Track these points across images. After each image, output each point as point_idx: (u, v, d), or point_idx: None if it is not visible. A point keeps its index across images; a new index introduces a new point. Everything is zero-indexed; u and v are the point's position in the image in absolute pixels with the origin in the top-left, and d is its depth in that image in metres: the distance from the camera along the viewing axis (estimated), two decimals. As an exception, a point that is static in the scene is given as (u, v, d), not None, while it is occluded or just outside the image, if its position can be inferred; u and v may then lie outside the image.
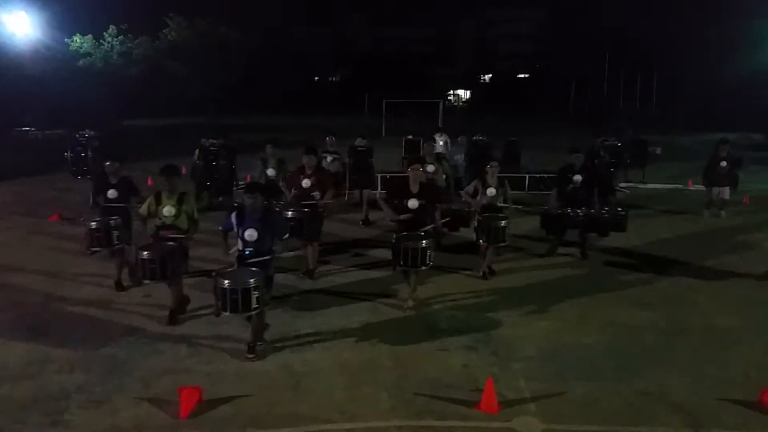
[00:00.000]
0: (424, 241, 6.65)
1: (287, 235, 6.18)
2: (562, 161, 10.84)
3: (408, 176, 7.17)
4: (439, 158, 10.11)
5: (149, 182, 13.38)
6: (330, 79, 65.08)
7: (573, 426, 4.74)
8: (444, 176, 9.87)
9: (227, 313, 5.44)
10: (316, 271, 8.16)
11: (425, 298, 7.31)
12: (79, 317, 6.74)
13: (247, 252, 5.79)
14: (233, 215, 5.89)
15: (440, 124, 19.08)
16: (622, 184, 15.03)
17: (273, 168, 9.94)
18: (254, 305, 5.42)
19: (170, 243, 6.43)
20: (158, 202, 6.63)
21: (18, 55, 27.54)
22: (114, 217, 7.31)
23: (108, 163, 7.73)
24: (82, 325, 6.49)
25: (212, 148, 12.31)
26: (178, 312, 6.61)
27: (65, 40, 33.60)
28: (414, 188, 7.07)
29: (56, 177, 15.91)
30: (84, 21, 33.63)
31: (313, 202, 7.90)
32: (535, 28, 68.94)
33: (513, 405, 4.99)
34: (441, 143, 16.01)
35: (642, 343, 6.17)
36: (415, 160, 7.68)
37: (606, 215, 8.96)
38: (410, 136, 16.93)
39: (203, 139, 12.65)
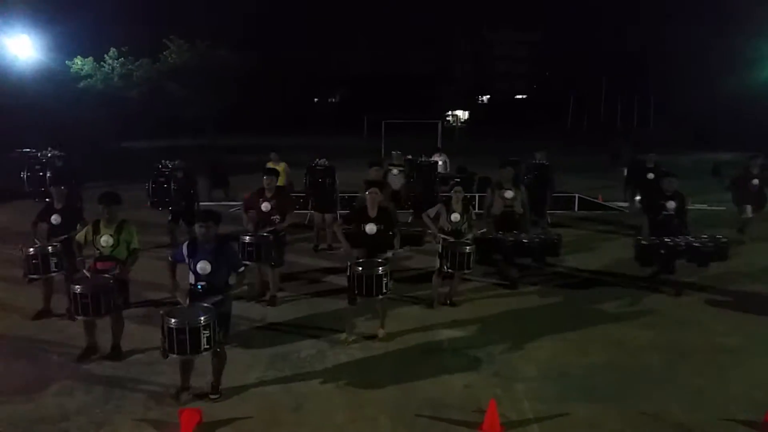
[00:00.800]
0: (380, 268, 6.29)
1: (243, 268, 5.65)
2: (562, 181, 10.90)
3: (366, 200, 6.85)
4: (517, 183, 8.96)
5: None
6: (329, 100, 65.58)
7: (576, 447, 4.71)
8: (521, 203, 8.73)
9: (174, 356, 4.94)
10: (277, 297, 7.88)
11: (425, 325, 7.28)
12: (78, 338, 6.69)
13: (199, 287, 5.24)
14: (184, 246, 5.37)
15: (439, 144, 19.19)
16: (622, 204, 15.04)
17: None
18: (204, 346, 4.91)
19: (105, 276, 5.95)
20: (96, 231, 6.15)
21: (20, 77, 27.77)
22: (54, 244, 7.01)
23: (53, 188, 7.51)
24: (80, 347, 6.45)
25: (164, 170, 10.96)
26: (119, 348, 6.18)
27: (66, 62, 33.91)
28: (372, 213, 6.75)
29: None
30: (85, 43, 33.96)
31: (272, 227, 7.64)
32: (531, 49, 69.72)
33: (516, 426, 4.96)
34: (441, 163, 16.11)
35: (644, 363, 6.14)
36: (372, 184, 7.37)
37: (710, 244, 7.94)
38: (409, 156, 17.02)
39: (163, 161, 11.52)
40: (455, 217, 7.70)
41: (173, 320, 4.87)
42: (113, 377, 5.76)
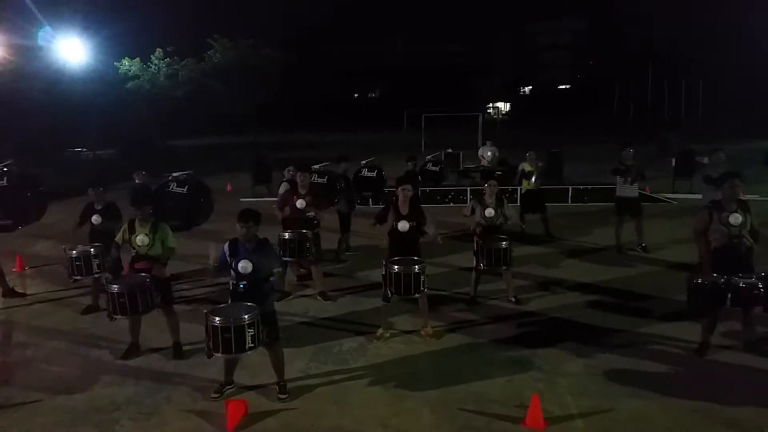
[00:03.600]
0: (416, 267, 6.25)
1: (285, 265, 5.73)
2: (606, 172, 10.60)
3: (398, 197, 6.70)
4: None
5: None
6: (370, 95, 65.71)
7: (622, 444, 4.62)
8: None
9: (219, 355, 4.97)
10: (328, 292, 7.97)
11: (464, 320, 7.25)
12: (126, 332, 6.92)
13: (240, 286, 5.24)
14: (226, 245, 5.37)
15: (480, 136, 19.04)
16: (670, 196, 14.65)
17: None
18: (249, 344, 4.91)
19: (142, 275, 6.08)
20: (131, 230, 6.24)
21: (71, 79, 28.83)
22: (96, 245, 7.24)
23: (92, 189, 7.68)
24: (127, 341, 6.67)
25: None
26: (179, 346, 6.31)
27: (114, 63, 35.00)
28: (404, 210, 6.63)
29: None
30: (132, 45, 34.98)
31: (312, 221, 7.74)
32: (574, 38, 68.17)
33: (560, 421, 4.89)
34: (489, 155, 15.97)
35: (690, 358, 5.96)
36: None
37: None
38: (449, 149, 16.95)
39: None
40: (489, 212, 7.56)
41: (218, 319, 4.89)
42: (161, 371, 5.95)
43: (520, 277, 8.53)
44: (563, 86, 69.05)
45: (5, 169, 8.70)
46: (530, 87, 70.91)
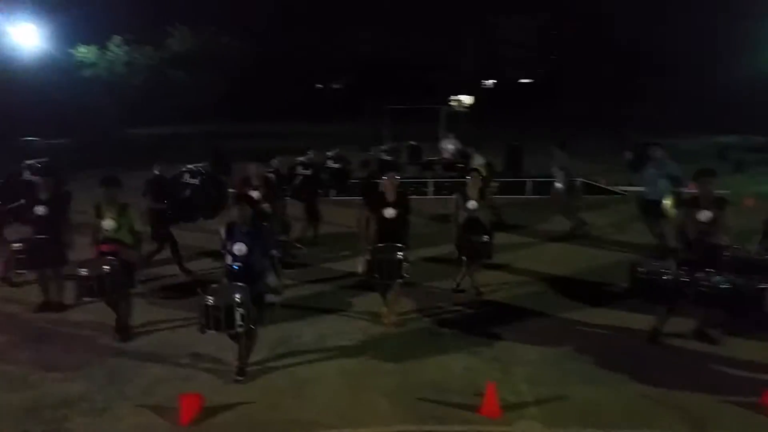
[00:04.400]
0: (399, 253, 6.36)
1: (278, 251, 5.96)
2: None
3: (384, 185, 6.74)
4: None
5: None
6: (333, 86, 65.29)
7: (574, 429, 4.73)
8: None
9: (211, 331, 5.23)
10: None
11: (421, 309, 7.30)
12: (80, 326, 6.75)
13: (235, 267, 5.47)
14: (222, 229, 5.64)
15: (443, 129, 19.09)
16: (626, 188, 14.94)
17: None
18: (238, 323, 5.16)
19: (110, 258, 6.10)
20: (98, 215, 6.28)
21: (24, 65, 27.80)
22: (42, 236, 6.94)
23: (40, 178, 7.46)
24: (82, 334, 6.50)
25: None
26: (127, 329, 6.38)
27: (70, 50, 33.89)
28: (390, 197, 6.70)
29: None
30: (89, 31, 33.89)
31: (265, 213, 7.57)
32: (537, 33, 68.96)
33: (515, 409, 4.98)
34: (450, 147, 16.01)
35: (642, 346, 6.12)
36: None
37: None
38: (412, 142, 16.96)
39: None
40: (472, 204, 7.52)
41: (210, 298, 5.16)
42: (114, 366, 5.80)
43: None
44: (526, 80, 69.84)
45: (199, 169, 9.49)
46: (493, 81, 71.49)
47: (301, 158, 10.32)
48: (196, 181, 9.22)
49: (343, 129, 24.06)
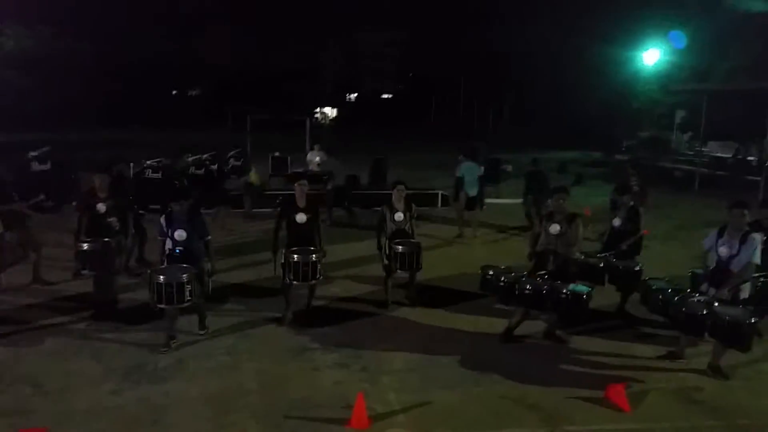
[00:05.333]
0: (314, 255, 6.80)
1: (210, 237, 6.61)
2: (429, 179, 11.26)
3: (294, 192, 7.13)
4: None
5: None
6: (189, 93, 62.64)
7: (440, 434, 4.89)
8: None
9: (163, 306, 5.96)
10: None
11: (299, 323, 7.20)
12: None
13: (177, 251, 6.30)
14: (162, 218, 6.40)
15: (308, 141, 19.07)
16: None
17: None
18: (187, 297, 5.99)
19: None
20: None
21: None
22: None
23: None
24: None
25: None
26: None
27: None
28: (301, 203, 7.07)
29: None
30: None
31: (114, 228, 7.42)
32: (397, 49, 71.43)
33: (383, 418, 5.05)
34: (317, 159, 15.98)
35: (500, 350, 6.49)
36: (297, 177, 7.64)
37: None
38: (277, 153, 16.75)
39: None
40: (399, 216, 7.65)
41: (162, 277, 5.94)
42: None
43: (345, 276, 8.69)
44: (386, 95, 72.01)
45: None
46: (356, 94, 72.86)
47: (149, 162, 9.77)
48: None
49: (204, 136, 23.00)
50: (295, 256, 6.75)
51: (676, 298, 6.06)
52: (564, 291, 6.19)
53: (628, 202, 7.91)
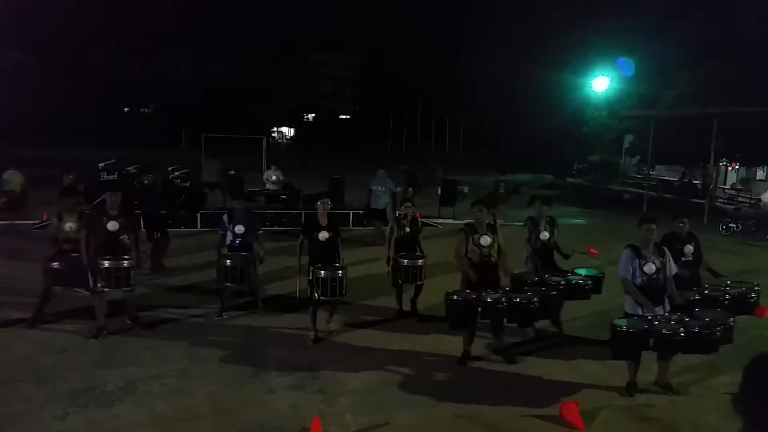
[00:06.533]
0: (340, 272, 7.02)
1: (261, 231, 8.14)
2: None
3: (316, 211, 7.38)
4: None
5: None
6: (142, 110, 61.49)
7: (397, 455, 4.85)
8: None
9: (229, 284, 7.59)
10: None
11: (252, 344, 7.07)
12: None
13: (237, 242, 7.72)
14: (224, 216, 7.95)
15: (265, 160, 18.94)
16: (437, 221, 16.05)
17: None
18: (243, 279, 7.57)
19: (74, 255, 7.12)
20: (60, 218, 7.24)
21: None
22: None
23: None
24: None
25: None
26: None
27: None
28: (323, 221, 7.29)
29: None
30: None
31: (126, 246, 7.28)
32: (354, 71, 72.07)
33: (340, 441, 4.97)
34: (273, 178, 15.88)
35: (455, 370, 6.49)
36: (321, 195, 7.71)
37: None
38: (232, 172, 16.56)
39: None
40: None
41: (228, 261, 7.49)
42: None
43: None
44: (344, 116, 72.34)
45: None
46: (313, 114, 72.94)
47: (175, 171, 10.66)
48: None
49: (157, 155, 22.51)
50: (323, 272, 6.93)
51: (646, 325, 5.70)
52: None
53: (546, 213, 7.86)
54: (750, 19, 22.32)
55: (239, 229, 7.70)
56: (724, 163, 26.95)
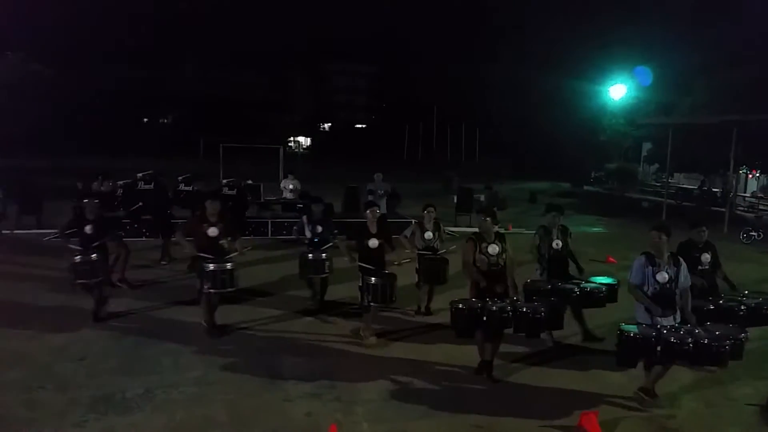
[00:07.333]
0: (391, 278, 7.32)
1: (336, 230, 8.70)
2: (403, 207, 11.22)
3: (366, 220, 7.72)
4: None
5: None
6: (161, 120, 62.30)
7: (415, 465, 4.82)
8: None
9: (312, 275, 8.40)
10: None
11: (264, 345, 7.09)
12: None
13: (316, 239, 8.47)
14: (304, 217, 8.72)
15: (282, 169, 19.07)
16: (453, 229, 16.01)
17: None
18: (326, 270, 8.33)
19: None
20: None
21: None
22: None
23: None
24: None
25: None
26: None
27: None
28: (373, 229, 7.61)
29: None
30: None
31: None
32: (368, 81, 72.37)
33: (356, 450, 4.96)
34: (290, 187, 15.98)
35: (473, 380, 6.44)
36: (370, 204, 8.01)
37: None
38: (249, 181, 16.69)
39: None
40: (428, 235, 8.59)
41: (311, 255, 8.32)
42: None
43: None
44: (360, 125, 72.59)
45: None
46: (329, 124, 73.31)
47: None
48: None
49: (176, 164, 22.77)
50: (373, 278, 7.16)
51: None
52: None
53: (558, 222, 7.70)
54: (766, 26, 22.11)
55: (317, 228, 8.44)
56: (744, 171, 26.60)
